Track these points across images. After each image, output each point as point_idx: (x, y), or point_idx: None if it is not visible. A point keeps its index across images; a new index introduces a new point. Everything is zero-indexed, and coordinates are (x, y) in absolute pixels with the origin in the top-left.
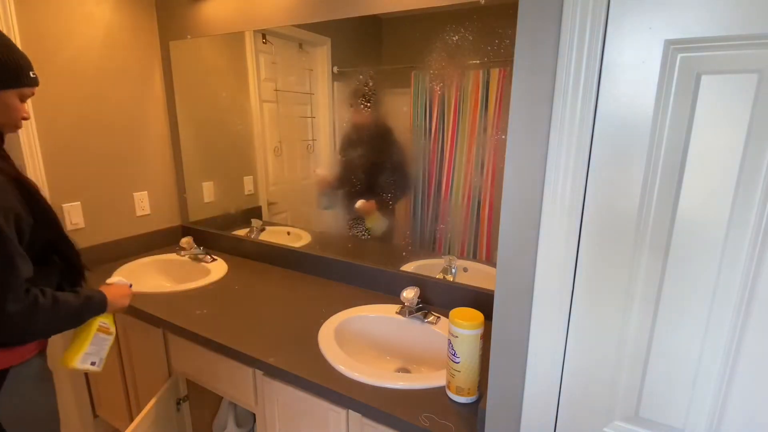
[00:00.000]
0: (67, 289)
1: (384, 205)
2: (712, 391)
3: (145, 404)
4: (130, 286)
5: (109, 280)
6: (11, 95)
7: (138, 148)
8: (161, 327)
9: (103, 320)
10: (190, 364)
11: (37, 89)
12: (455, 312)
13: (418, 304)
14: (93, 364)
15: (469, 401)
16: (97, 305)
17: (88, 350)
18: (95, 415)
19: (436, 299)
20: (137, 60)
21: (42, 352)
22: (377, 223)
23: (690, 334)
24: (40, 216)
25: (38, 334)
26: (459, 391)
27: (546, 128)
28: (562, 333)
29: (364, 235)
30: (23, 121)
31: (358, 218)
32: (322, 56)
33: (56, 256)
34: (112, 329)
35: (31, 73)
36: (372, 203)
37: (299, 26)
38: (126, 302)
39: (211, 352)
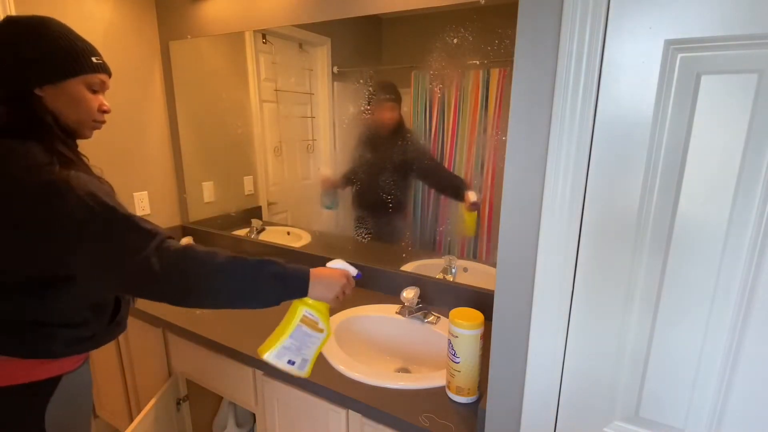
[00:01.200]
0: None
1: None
2: (712, 391)
3: (145, 404)
4: (358, 276)
5: (330, 263)
6: (76, 85)
7: (138, 148)
8: (161, 327)
9: (309, 309)
10: (190, 364)
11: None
12: (455, 312)
13: (418, 304)
14: (291, 363)
15: (469, 401)
16: (287, 280)
17: (285, 343)
18: (95, 415)
19: (436, 299)
20: (137, 60)
21: (88, 359)
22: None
23: (690, 334)
24: None
25: (201, 289)
26: (459, 391)
27: (546, 128)
28: (562, 333)
29: (364, 237)
30: (103, 114)
31: (361, 217)
32: (322, 56)
33: None
34: (323, 326)
35: (94, 59)
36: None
37: (299, 26)
38: (333, 293)
39: (211, 352)
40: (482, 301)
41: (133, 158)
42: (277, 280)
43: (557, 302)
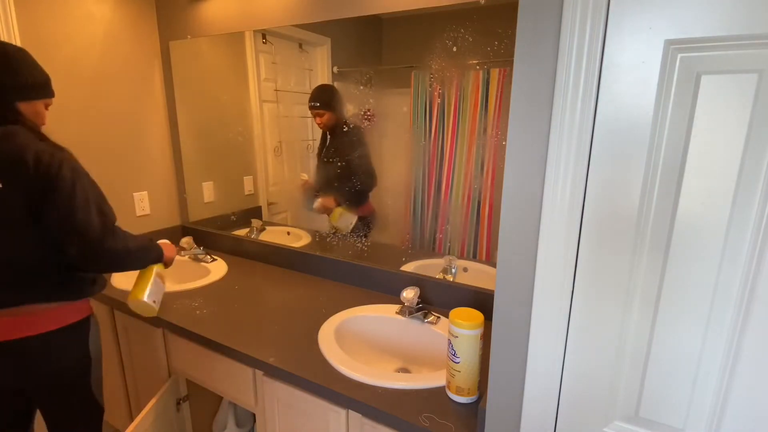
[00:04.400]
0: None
1: (349, 200)
2: (712, 391)
3: (145, 404)
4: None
5: (165, 240)
6: (40, 104)
7: (138, 148)
8: (161, 327)
9: (161, 269)
10: (190, 364)
11: None
12: (455, 312)
13: (418, 304)
14: (154, 302)
15: (469, 401)
16: (158, 249)
17: (151, 288)
18: None
19: (436, 299)
20: (137, 60)
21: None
22: (342, 219)
23: (690, 333)
24: None
25: (128, 260)
26: (459, 391)
27: (546, 128)
28: (562, 333)
29: (341, 236)
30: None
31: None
32: (322, 56)
33: None
34: (165, 278)
35: (51, 85)
36: (330, 199)
37: (299, 26)
38: (173, 256)
39: (211, 352)
40: (482, 301)
41: (133, 158)
42: (158, 256)
43: (557, 302)
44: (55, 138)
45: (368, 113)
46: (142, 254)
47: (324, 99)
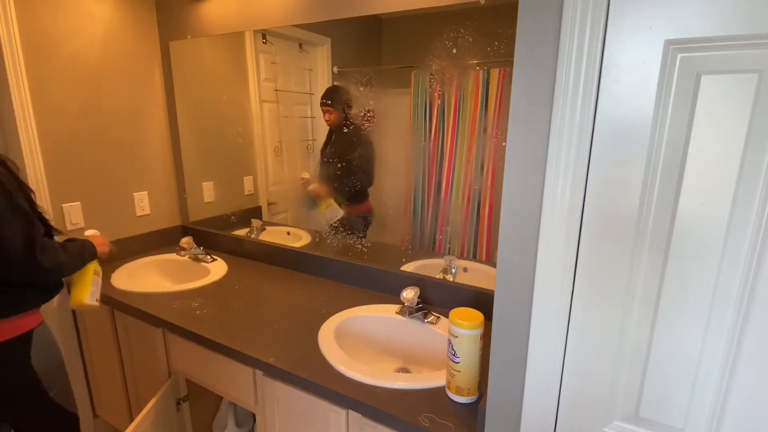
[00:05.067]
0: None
1: (348, 197)
2: (712, 391)
3: (145, 404)
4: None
5: (86, 233)
6: None
7: (138, 148)
8: (161, 327)
9: (96, 266)
10: (190, 364)
11: (37, 89)
12: (455, 312)
13: (418, 304)
14: (97, 301)
15: (469, 401)
16: (92, 248)
17: (92, 290)
18: (95, 415)
19: (436, 299)
20: (137, 60)
21: (44, 322)
22: (329, 211)
23: (690, 334)
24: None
25: (62, 272)
26: (459, 391)
27: (546, 128)
28: (562, 333)
29: (339, 232)
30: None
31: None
32: (322, 56)
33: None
34: (100, 270)
35: None
36: (324, 188)
37: (299, 26)
38: (107, 249)
39: (211, 352)
40: (482, 301)
41: (133, 158)
42: (88, 253)
43: (557, 302)
44: (54, 138)
45: (368, 113)
46: (76, 261)
47: (336, 98)
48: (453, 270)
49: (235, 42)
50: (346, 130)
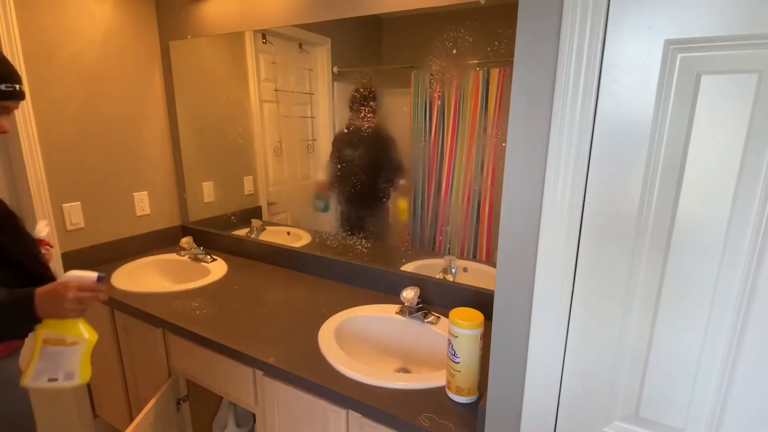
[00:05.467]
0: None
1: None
2: (712, 391)
3: (145, 404)
4: (100, 279)
5: (73, 272)
6: None
7: (138, 148)
8: (161, 327)
9: (50, 331)
10: (190, 364)
11: (37, 89)
12: (455, 312)
13: (418, 304)
14: (53, 380)
15: (469, 401)
16: (21, 310)
17: (37, 367)
18: (95, 415)
19: (436, 299)
20: (137, 60)
21: (9, 357)
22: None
23: (690, 334)
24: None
25: None
26: (459, 391)
27: (546, 128)
28: (562, 333)
29: (360, 237)
30: (2, 135)
31: (357, 217)
32: (322, 56)
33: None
34: (74, 338)
35: (4, 86)
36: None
37: (299, 26)
38: (58, 308)
39: (211, 352)
40: (482, 301)
41: (133, 158)
42: (9, 316)
43: (557, 302)
44: (54, 138)
45: (368, 113)
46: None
47: (375, 98)
48: (453, 270)
49: (235, 42)
50: (380, 131)
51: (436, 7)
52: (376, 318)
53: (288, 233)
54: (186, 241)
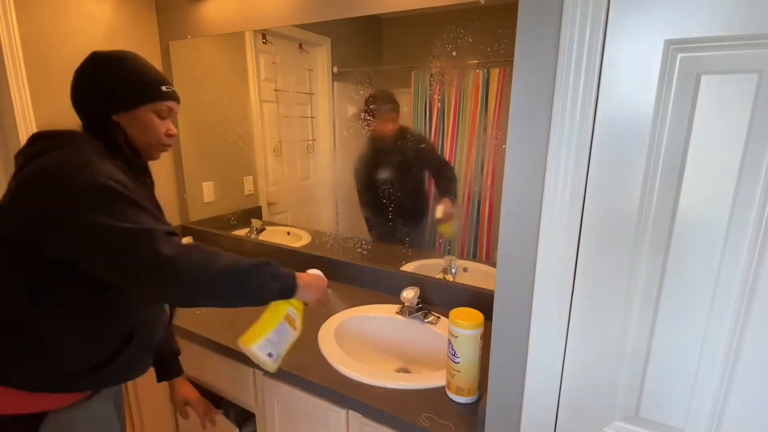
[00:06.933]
0: None
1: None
2: (712, 391)
3: (145, 405)
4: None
5: (309, 271)
6: (145, 112)
7: None
8: None
9: (293, 308)
10: (190, 364)
11: (37, 90)
12: (455, 312)
13: (418, 304)
14: (270, 356)
15: (469, 401)
16: (282, 280)
17: (270, 336)
18: None
19: (436, 299)
20: None
21: (102, 392)
22: (453, 227)
23: (690, 334)
24: None
25: (204, 287)
26: (459, 391)
27: (546, 128)
28: (562, 333)
29: (364, 246)
30: (169, 138)
31: (369, 220)
32: (322, 56)
33: None
34: (299, 326)
35: (164, 88)
36: (448, 203)
37: (299, 26)
38: (317, 296)
39: (211, 352)
40: (482, 301)
41: None
42: (274, 280)
43: (557, 302)
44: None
45: (368, 113)
46: (238, 278)
47: (395, 101)
48: (453, 270)
49: (235, 42)
50: (408, 135)
51: (436, 7)
52: (376, 318)
53: (288, 233)
54: (186, 241)
